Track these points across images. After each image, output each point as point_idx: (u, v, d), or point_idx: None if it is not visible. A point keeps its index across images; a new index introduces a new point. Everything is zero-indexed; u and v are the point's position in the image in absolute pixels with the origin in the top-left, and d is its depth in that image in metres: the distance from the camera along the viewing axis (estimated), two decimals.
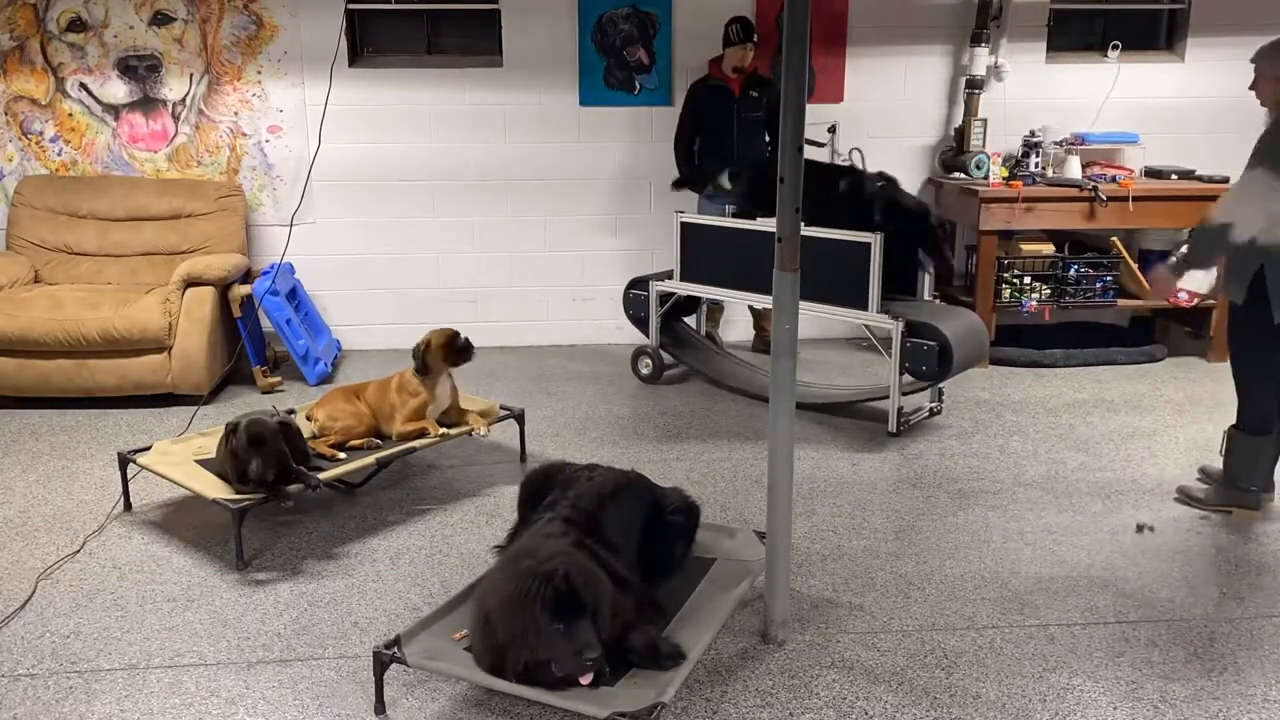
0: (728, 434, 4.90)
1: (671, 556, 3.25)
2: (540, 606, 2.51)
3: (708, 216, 5.53)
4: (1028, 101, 6.31)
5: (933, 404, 5.14)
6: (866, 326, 4.97)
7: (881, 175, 5.13)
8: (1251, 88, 3.87)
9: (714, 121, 5.63)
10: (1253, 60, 3.85)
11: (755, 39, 5.64)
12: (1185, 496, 4.12)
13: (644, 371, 5.75)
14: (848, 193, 4.99)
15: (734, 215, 5.50)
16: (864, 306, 4.84)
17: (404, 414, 4.13)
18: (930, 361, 4.68)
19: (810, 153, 4.94)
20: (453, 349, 4.21)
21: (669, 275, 5.65)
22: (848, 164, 5.22)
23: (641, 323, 5.79)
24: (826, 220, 4.77)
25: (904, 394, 4.90)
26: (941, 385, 5.04)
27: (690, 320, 6.07)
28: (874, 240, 4.74)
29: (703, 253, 5.46)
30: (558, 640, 2.51)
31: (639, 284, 5.77)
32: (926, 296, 5.12)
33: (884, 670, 2.96)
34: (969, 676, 2.93)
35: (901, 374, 4.80)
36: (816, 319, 5.15)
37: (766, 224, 5.23)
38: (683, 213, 5.58)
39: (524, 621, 2.52)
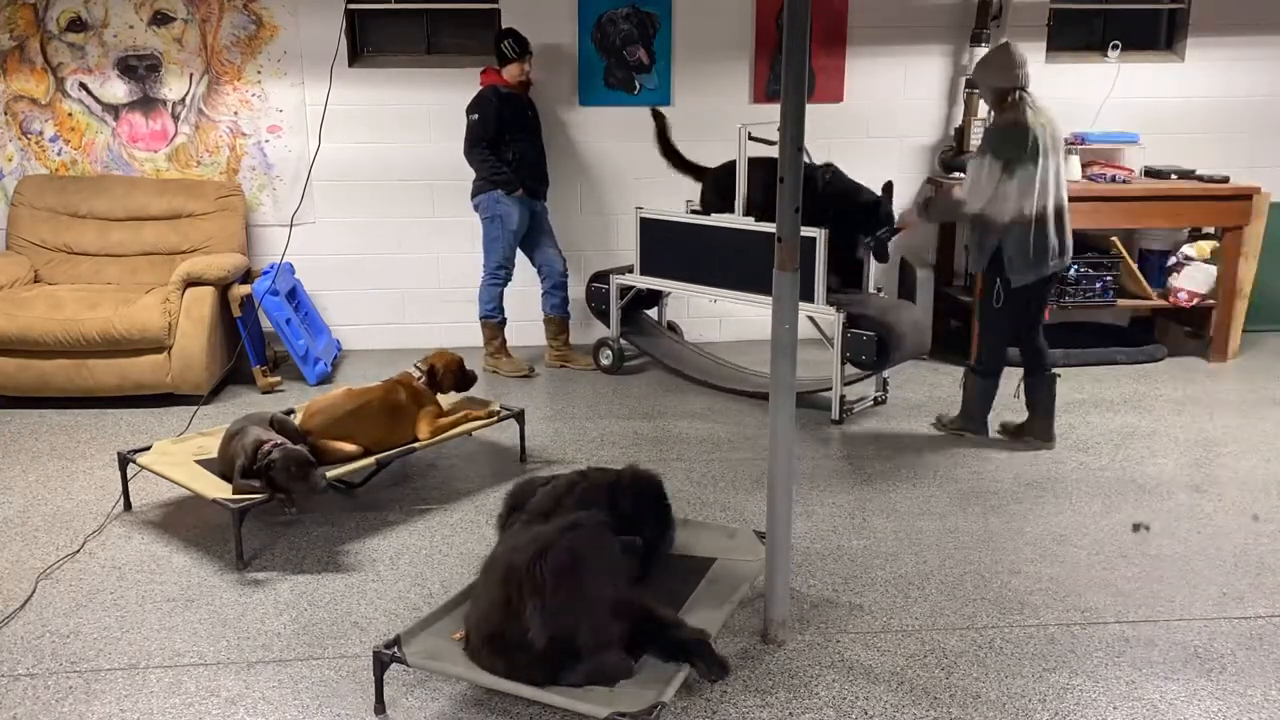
0: (727, 433, 4.91)
1: (643, 534, 3.18)
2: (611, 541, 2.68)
3: (669, 213, 5.64)
4: None
5: (877, 394, 5.33)
6: (811, 318, 5.10)
7: (828, 165, 5.25)
8: (977, 93, 4.53)
9: (516, 127, 5.61)
10: (973, 76, 4.55)
11: (530, 50, 5.62)
12: (938, 424, 4.90)
13: (605, 361, 5.89)
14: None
15: (694, 212, 5.66)
16: (810, 298, 4.93)
17: (430, 425, 4.22)
18: (870, 351, 4.88)
19: (767, 152, 5.01)
20: (461, 376, 4.47)
21: (630, 269, 5.79)
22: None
23: (603, 314, 5.93)
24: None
25: (847, 383, 5.12)
26: (885, 375, 5.31)
27: (652, 312, 6.23)
28: (819, 235, 4.88)
29: (661, 247, 5.60)
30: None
31: (600, 278, 5.93)
32: (871, 289, 5.39)
33: (884, 670, 2.96)
34: (969, 676, 2.93)
35: (843, 364, 5.00)
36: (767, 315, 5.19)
37: (722, 219, 5.38)
38: (642, 209, 5.68)
39: (607, 562, 2.63)
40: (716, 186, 5.62)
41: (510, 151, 5.60)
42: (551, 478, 3.38)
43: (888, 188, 5.20)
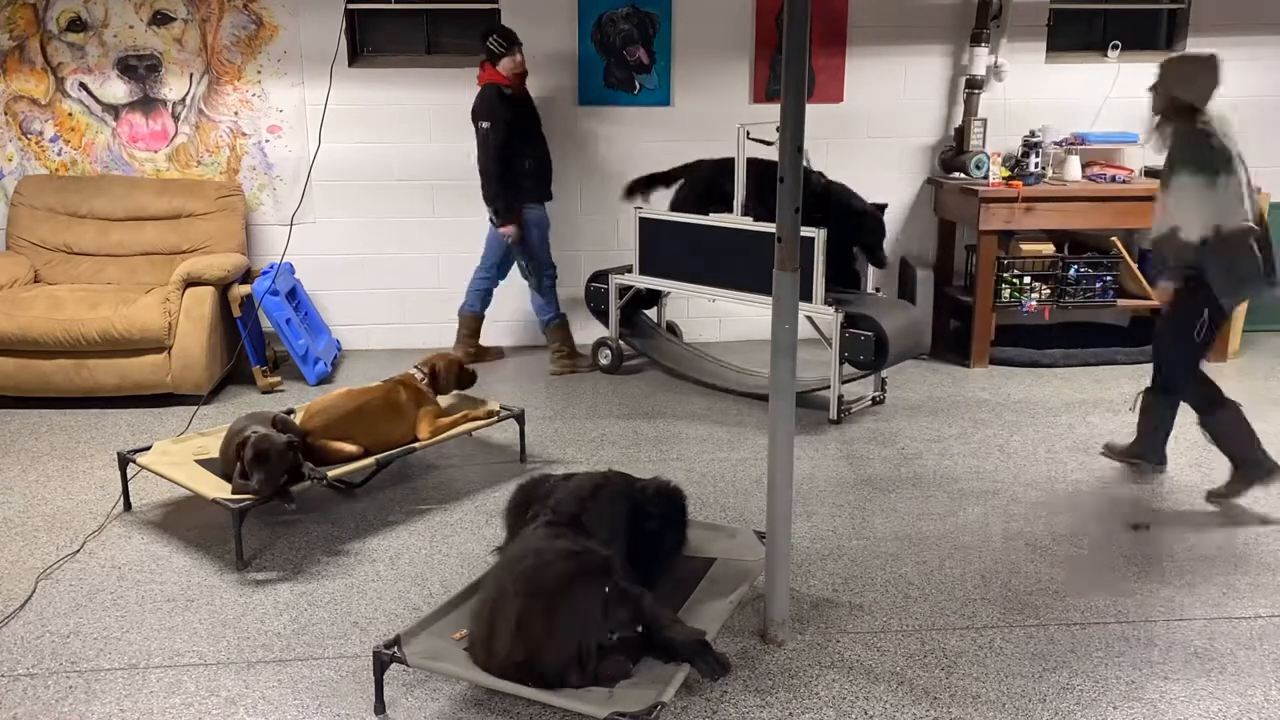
0: (727, 433, 4.91)
1: (660, 547, 3.23)
2: (600, 584, 2.58)
3: (669, 213, 5.65)
4: (1028, 101, 6.31)
5: (876, 393, 5.34)
6: (810, 318, 5.09)
7: (820, 173, 5.31)
8: (1150, 89, 4.07)
9: (522, 129, 5.59)
10: (1160, 68, 4.07)
11: (519, 41, 5.53)
12: (1214, 499, 4.09)
13: (604, 361, 5.91)
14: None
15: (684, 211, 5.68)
16: (809, 298, 4.91)
17: (431, 425, 4.22)
18: (867, 351, 4.90)
19: (763, 152, 5.05)
20: (461, 375, 4.50)
21: (629, 269, 5.80)
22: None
23: (602, 314, 5.94)
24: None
25: (844, 382, 5.12)
26: (884, 375, 5.31)
27: (651, 313, 6.24)
28: (818, 235, 4.88)
29: (661, 247, 5.61)
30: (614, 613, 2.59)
31: (599, 277, 5.93)
32: (870, 289, 5.44)
33: (884, 670, 2.96)
34: (969, 676, 2.93)
35: (841, 364, 5.00)
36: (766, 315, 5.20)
37: (719, 219, 5.40)
38: (641, 208, 5.69)
39: (590, 604, 2.57)
40: (695, 187, 5.62)
41: (526, 160, 5.59)
42: (568, 475, 3.38)
43: (882, 208, 5.30)
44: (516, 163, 5.55)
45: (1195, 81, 3.95)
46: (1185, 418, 5.11)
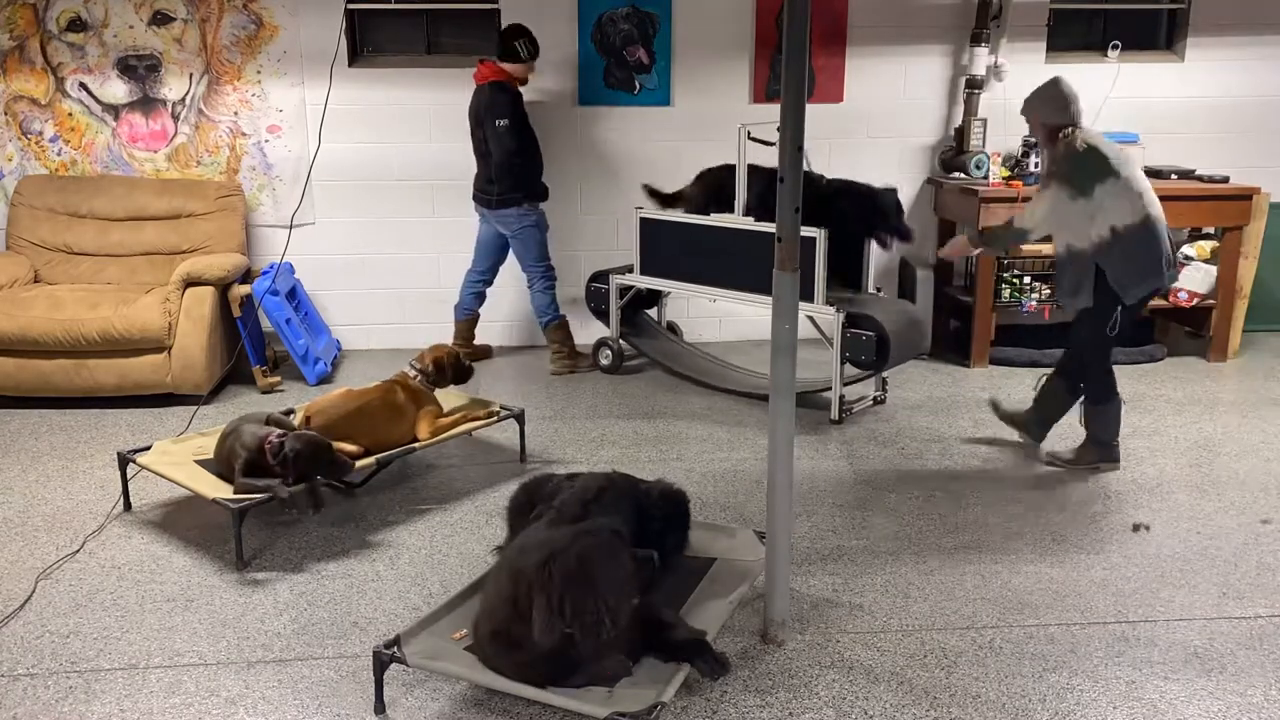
0: (727, 433, 4.91)
1: (662, 549, 3.23)
2: (626, 553, 2.62)
3: (669, 213, 5.67)
4: None
5: (877, 394, 5.34)
6: (811, 318, 5.09)
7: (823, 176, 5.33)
8: (1030, 132, 4.29)
9: (529, 126, 5.66)
10: (1022, 112, 4.32)
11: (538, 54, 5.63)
12: (1054, 459, 4.53)
13: (604, 362, 5.91)
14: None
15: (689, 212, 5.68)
16: (810, 298, 4.91)
17: (431, 425, 4.23)
18: (869, 351, 4.89)
19: (766, 153, 5.02)
20: (458, 368, 4.47)
21: (629, 269, 5.80)
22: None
23: (602, 314, 5.94)
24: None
25: (847, 383, 5.12)
26: (885, 375, 5.29)
27: (652, 312, 6.25)
28: (819, 235, 4.87)
29: (661, 247, 5.62)
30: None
31: (600, 278, 5.94)
32: (871, 289, 5.43)
33: (884, 670, 2.96)
34: (969, 676, 2.93)
35: (843, 364, 5.00)
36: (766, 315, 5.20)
37: (721, 219, 5.41)
38: (642, 209, 5.69)
39: (618, 572, 2.60)
40: (706, 195, 5.63)
41: (537, 156, 5.66)
42: (571, 476, 3.39)
43: (892, 191, 5.28)
44: (534, 156, 5.63)
45: (1059, 104, 4.17)
46: (1189, 420, 5.12)
